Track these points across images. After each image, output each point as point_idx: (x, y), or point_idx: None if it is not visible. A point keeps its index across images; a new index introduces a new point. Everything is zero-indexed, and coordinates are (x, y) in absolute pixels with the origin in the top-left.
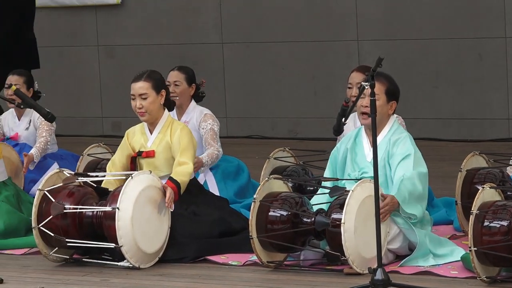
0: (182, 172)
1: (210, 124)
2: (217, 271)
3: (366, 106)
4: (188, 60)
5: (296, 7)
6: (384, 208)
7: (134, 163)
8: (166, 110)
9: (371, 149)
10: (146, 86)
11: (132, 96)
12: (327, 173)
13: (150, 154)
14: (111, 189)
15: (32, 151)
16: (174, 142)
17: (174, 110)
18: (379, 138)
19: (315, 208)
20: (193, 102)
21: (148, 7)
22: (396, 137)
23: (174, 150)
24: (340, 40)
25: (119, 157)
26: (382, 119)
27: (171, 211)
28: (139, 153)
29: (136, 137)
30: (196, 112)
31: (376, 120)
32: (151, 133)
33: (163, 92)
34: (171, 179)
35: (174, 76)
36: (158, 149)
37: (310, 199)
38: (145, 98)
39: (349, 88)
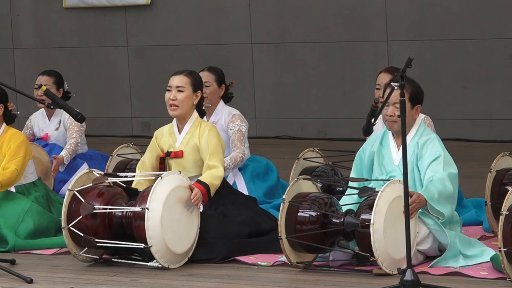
0: (213, 176)
1: (238, 125)
2: (246, 271)
3: (391, 116)
4: (218, 60)
5: (325, 7)
6: (411, 205)
7: (163, 163)
8: (195, 111)
9: (399, 152)
10: (185, 81)
11: (169, 87)
12: (353, 174)
13: (179, 155)
14: (140, 189)
15: (62, 153)
16: (203, 144)
17: None
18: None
19: (344, 208)
20: (221, 103)
21: (177, 8)
22: (424, 139)
23: (203, 153)
24: (369, 40)
25: (148, 158)
26: (408, 124)
27: (200, 212)
28: (168, 154)
29: (165, 137)
30: (224, 113)
31: (405, 121)
32: (179, 133)
33: (199, 93)
34: (199, 181)
35: (204, 77)
36: (186, 150)
37: (339, 200)
38: (180, 91)
39: (377, 89)
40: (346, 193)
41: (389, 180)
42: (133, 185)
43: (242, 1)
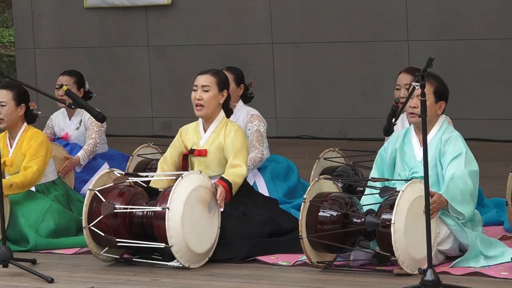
0: (235, 174)
1: (256, 125)
2: (266, 271)
3: (415, 107)
4: (238, 60)
5: (346, 7)
6: (432, 206)
7: (186, 160)
8: (222, 111)
9: (421, 148)
10: (211, 80)
11: (195, 87)
12: (373, 173)
13: (202, 153)
14: (160, 188)
15: (79, 153)
16: (228, 143)
17: None
18: (428, 138)
19: (365, 208)
20: (240, 102)
21: (198, 8)
22: (447, 136)
23: (227, 152)
24: (390, 40)
25: (171, 154)
26: (431, 119)
27: (221, 211)
28: (191, 151)
29: (189, 135)
30: (243, 113)
31: (426, 121)
32: (205, 132)
33: (225, 92)
34: (222, 178)
35: None
36: (211, 149)
37: (359, 199)
38: (206, 91)
39: (397, 89)
40: (367, 193)
41: (410, 179)
42: (152, 183)
43: (263, 1)
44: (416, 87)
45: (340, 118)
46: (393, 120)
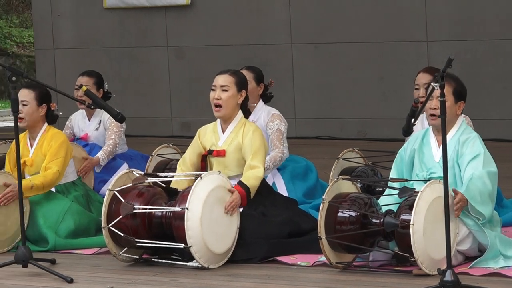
0: (253, 176)
1: (277, 124)
2: (286, 271)
3: (435, 108)
4: (257, 60)
5: (365, 7)
6: (458, 204)
7: (204, 161)
8: (240, 111)
9: (439, 149)
10: (230, 80)
11: (213, 87)
12: (393, 173)
13: (221, 154)
14: (180, 189)
15: (99, 154)
16: (246, 143)
17: None
18: (447, 138)
19: (384, 209)
20: (261, 102)
21: (217, 8)
22: (465, 137)
23: (245, 152)
24: (409, 40)
25: (189, 155)
26: (450, 120)
27: (240, 211)
28: (210, 152)
29: (208, 135)
30: (263, 112)
31: (445, 121)
32: (223, 132)
33: (243, 92)
34: (240, 183)
35: None
36: (229, 149)
37: (378, 200)
38: (225, 91)
39: (416, 89)
40: (386, 193)
41: (429, 180)
42: (172, 184)
43: (282, 1)
44: (436, 88)
45: (359, 119)
46: (412, 120)
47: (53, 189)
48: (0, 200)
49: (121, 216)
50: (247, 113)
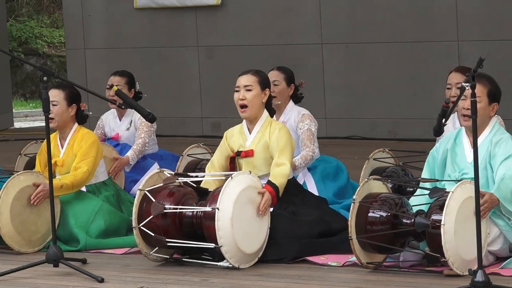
0: (280, 174)
1: (307, 124)
2: (316, 271)
3: (468, 109)
4: (287, 60)
5: (395, 7)
6: (484, 206)
7: (233, 163)
8: (265, 110)
9: (472, 150)
10: (253, 80)
11: (237, 88)
12: (424, 173)
13: (249, 154)
14: (210, 189)
15: (128, 153)
16: (273, 142)
17: None
18: (480, 139)
19: (414, 209)
20: (291, 103)
21: (247, 8)
22: (497, 138)
23: (272, 150)
24: (440, 40)
25: (217, 158)
26: (483, 121)
27: (270, 211)
28: (238, 153)
29: (235, 137)
30: (294, 112)
31: (477, 121)
32: (250, 133)
33: (267, 91)
34: (269, 182)
35: (273, 76)
36: (257, 149)
37: (409, 200)
38: (249, 90)
39: (448, 88)
40: (416, 193)
41: (460, 180)
42: (201, 185)
43: (313, 1)
44: (467, 88)
45: (390, 119)
46: (443, 120)
47: (84, 189)
48: (33, 200)
49: (152, 216)
50: (272, 112)
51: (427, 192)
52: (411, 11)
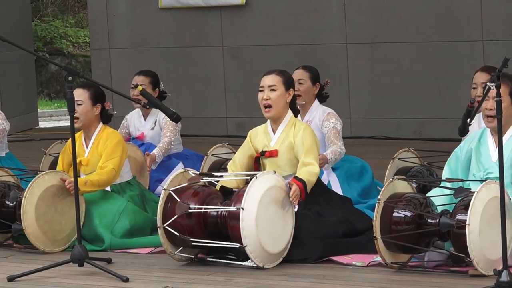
0: (308, 172)
1: (333, 122)
2: (341, 271)
3: (491, 109)
4: (312, 60)
5: (420, 7)
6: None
7: (258, 163)
8: (290, 110)
9: (497, 149)
10: (277, 80)
11: (261, 88)
12: (445, 171)
13: (273, 154)
14: (229, 187)
15: (155, 151)
16: (297, 142)
17: None
18: (504, 138)
19: (439, 209)
20: (316, 102)
21: (272, 8)
22: None
23: (298, 151)
24: (464, 40)
25: (239, 157)
26: (507, 121)
27: (295, 211)
28: (262, 153)
29: (259, 137)
30: (319, 111)
31: (502, 121)
32: (274, 133)
33: (291, 91)
34: (296, 177)
35: (298, 75)
36: (281, 149)
37: (434, 200)
38: (273, 90)
39: (474, 88)
40: (440, 193)
41: (485, 180)
42: (219, 183)
43: (337, 1)
44: (492, 88)
45: (414, 118)
46: (468, 120)
47: (108, 189)
48: (67, 187)
49: (176, 216)
50: (296, 112)
51: (451, 192)
52: (436, 10)
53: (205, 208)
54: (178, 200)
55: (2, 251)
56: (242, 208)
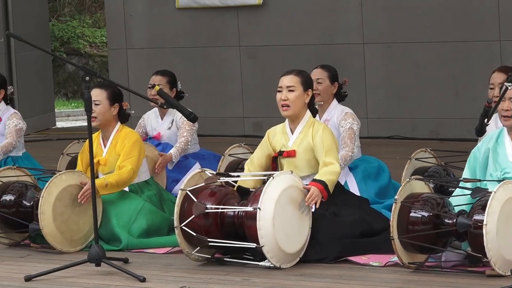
0: (329, 171)
1: (349, 123)
2: (358, 271)
3: (507, 110)
4: (329, 60)
5: (437, 7)
6: None
7: (275, 162)
8: (308, 110)
9: None
10: (295, 80)
11: (279, 88)
12: (465, 172)
13: (291, 154)
14: (251, 188)
15: (171, 151)
16: (317, 143)
17: None
18: None
19: (456, 209)
20: (335, 101)
21: (289, 8)
22: None
23: (318, 151)
24: (482, 40)
25: (257, 156)
26: None
27: (312, 212)
28: (280, 153)
29: (278, 137)
30: (337, 111)
31: None
32: (292, 133)
33: (310, 91)
34: (315, 180)
35: (317, 74)
36: (299, 149)
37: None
38: (291, 91)
39: (491, 88)
40: (458, 193)
41: (503, 180)
42: (239, 183)
43: (354, 1)
44: (509, 88)
45: (431, 118)
46: (486, 120)
47: (126, 189)
48: (80, 199)
49: (193, 216)
50: (314, 112)
51: (469, 192)
52: (453, 10)
53: (222, 208)
54: (195, 200)
55: (19, 250)
56: (259, 208)
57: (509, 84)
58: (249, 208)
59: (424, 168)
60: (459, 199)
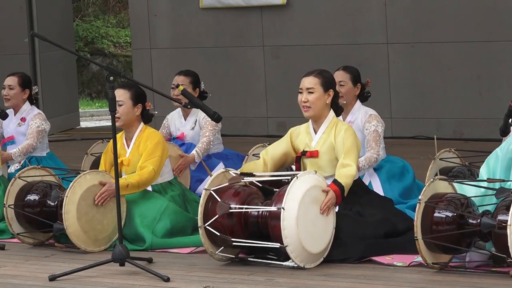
0: (345, 174)
1: (374, 125)
2: (382, 271)
3: None
4: (353, 60)
5: (461, 6)
6: None
7: (299, 162)
8: (331, 110)
9: None
10: (315, 82)
11: (300, 90)
12: (483, 168)
13: (314, 154)
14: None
15: (194, 151)
16: (338, 143)
17: None
18: None
19: (480, 209)
20: (358, 102)
21: (313, 8)
22: None
23: (338, 151)
24: (506, 40)
25: (273, 148)
26: None
27: (336, 211)
28: (303, 153)
29: (301, 136)
30: (361, 112)
31: None
32: (315, 133)
33: (331, 92)
34: (335, 181)
35: (339, 76)
36: (322, 149)
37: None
38: (311, 93)
39: None
40: (482, 194)
41: None
42: (243, 169)
43: (378, 1)
44: None
45: (455, 119)
46: (510, 120)
47: (150, 189)
48: (97, 201)
49: (217, 216)
50: (339, 110)
51: (492, 192)
52: (476, 10)
53: (246, 208)
54: (219, 200)
55: (43, 250)
56: (283, 208)
57: None
58: (273, 208)
59: (448, 168)
60: (483, 199)
